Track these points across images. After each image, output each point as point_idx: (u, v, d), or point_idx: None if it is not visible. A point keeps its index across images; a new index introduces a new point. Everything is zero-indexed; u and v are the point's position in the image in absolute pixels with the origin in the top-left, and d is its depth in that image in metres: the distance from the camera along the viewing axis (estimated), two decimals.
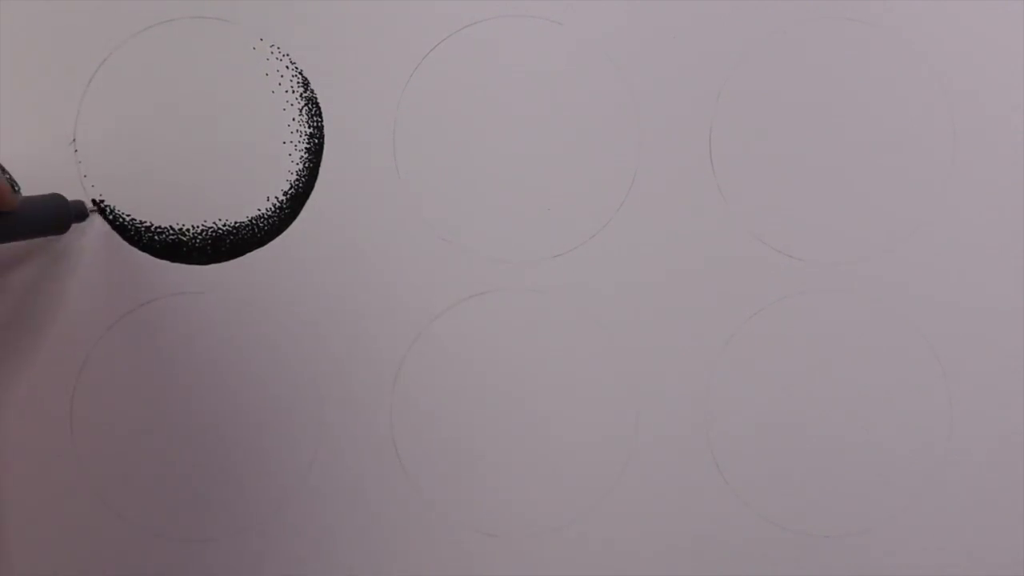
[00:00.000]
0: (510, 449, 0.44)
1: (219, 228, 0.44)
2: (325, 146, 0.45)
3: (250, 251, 0.44)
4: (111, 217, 0.44)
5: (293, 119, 0.45)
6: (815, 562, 0.44)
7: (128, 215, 0.44)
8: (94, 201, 0.44)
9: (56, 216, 0.42)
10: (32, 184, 0.44)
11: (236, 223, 0.44)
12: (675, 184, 0.45)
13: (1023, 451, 0.44)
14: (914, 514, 0.44)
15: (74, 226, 0.43)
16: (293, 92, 0.45)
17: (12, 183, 0.36)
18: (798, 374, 0.44)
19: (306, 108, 0.45)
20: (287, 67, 0.45)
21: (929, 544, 0.44)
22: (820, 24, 0.45)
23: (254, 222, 0.44)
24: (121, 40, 0.45)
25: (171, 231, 0.44)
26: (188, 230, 0.44)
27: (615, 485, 0.44)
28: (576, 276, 0.44)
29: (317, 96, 0.45)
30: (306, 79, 0.45)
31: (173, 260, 0.44)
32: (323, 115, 0.45)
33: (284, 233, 0.44)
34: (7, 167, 0.37)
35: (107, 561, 0.44)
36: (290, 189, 0.44)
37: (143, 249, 0.44)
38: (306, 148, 0.45)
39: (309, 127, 0.45)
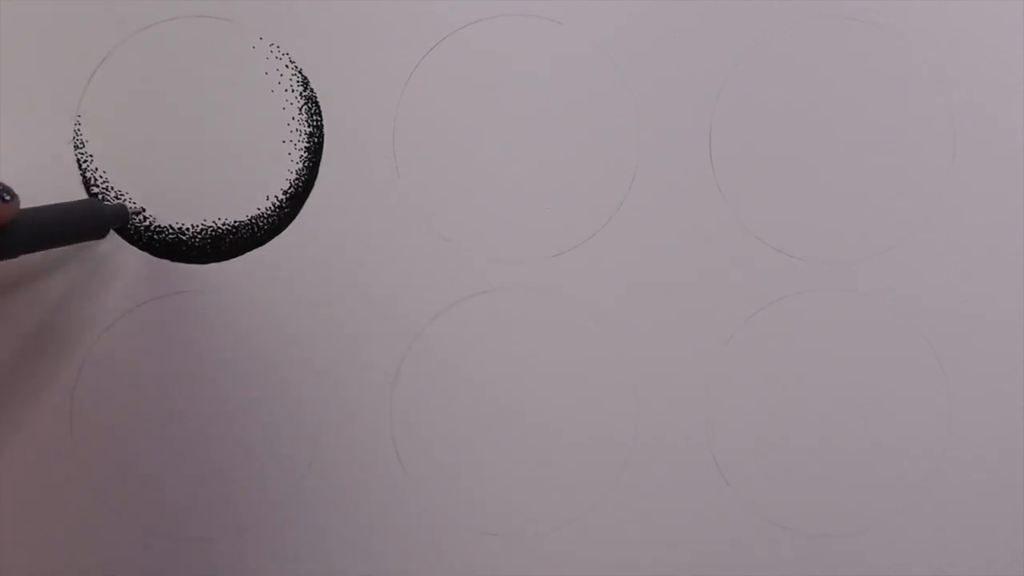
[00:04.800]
0: (510, 448, 0.44)
1: (219, 227, 0.44)
2: (325, 145, 0.45)
3: (250, 250, 0.44)
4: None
5: (293, 118, 0.45)
6: (815, 561, 0.44)
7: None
8: (136, 211, 0.44)
9: (85, 221, 0.41)
10: (32, 183, 0.44)
11: (236, 222, 0.44)
12: (675, 183, 0.45)
13: (1023, 451, 0.44)
14: (914, 514, 0.44)
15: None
16: (292, 91, 0.45)
17: (3, 194, 0.35)
18: (798, 373, 0.44)
19: (306, 107, 0.45)
20: (287, 66, 0.45)
21: (929, 544, 0.44)
22: (820, 24, 0.45)
23: (254, 221, 0.44)
24: (121, 39, 0.45)
25: (171, 230, 0.44)
26: (188, 229, 0.44)
27: (615, 484, 0.44)
28: (575, 275, 0.44)
29: (317, 95, 0.45)
30: (306, 78, 0.45)
31: (173, 259, 0.44)
32: (323, 114, 0.45)
33: (284, 232, 0.44)
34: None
35: (106, 560, 0.44)
36: (290, 188, 0.45)
37: (143, 248, 0.44)
38: (305, 147, 0.45)
39: (309, 126, 0.45)
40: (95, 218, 0.42)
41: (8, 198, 0.35)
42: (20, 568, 0.44)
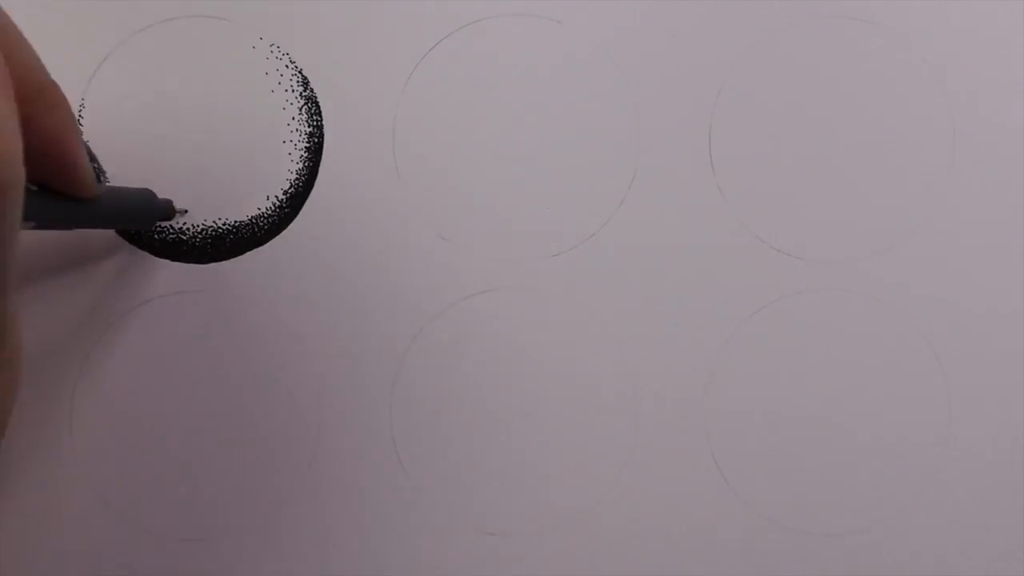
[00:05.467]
0: (510, 448, 0.44)
1: (219, 227, 0.44)
2: (325, 145, 0.45)
3: (250, 250, 0.44)
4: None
5: (293, 118, 0.45)
6: (815, 561, 0.44)
7: None
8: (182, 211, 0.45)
9: (140, 211, 0.42)
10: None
11: (236, 222, 0.44)
12: (674, 183, 0.45)
13: (1023, 451, 0.44)
14: (914, 513, 0.44)
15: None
16: (293, 91, 0.45)
17: (98, 173, 0.37)
18: (798, 373, 0.44)
19: (306, 107, 0.45)
20: (287, 66, 0.45)
21: (929, 543, 0.43)
22: (820, 23, 0.45)
23: (254, 221, 0.44)
24: (121, 39, 0.45)
25: (171, 230, 0.44)
26: (188, 229, 0.44)
27: (615, 484, 0.44)
28: (575, 275, 0.44)
29: (317, 95, 0.45)
30: (306, 78, 0.45)
31: (173, 259, 0.44)
32: (323, 114, 0.45)
33: (284, 232, 0.44)
34: None
35: (106, 560, 0.44)
36: (290, 188, 0.45)
37: (142, 248, 0.44)
38: (306, 147, 0.45)
39: (309, 126, 0.45)
40: (149, 208, 0.42)
41: (103, 179, 0.40)
42: (20, 568, 0.44)
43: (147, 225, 0.43)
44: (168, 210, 0.43)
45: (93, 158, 0.37)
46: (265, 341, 0.44)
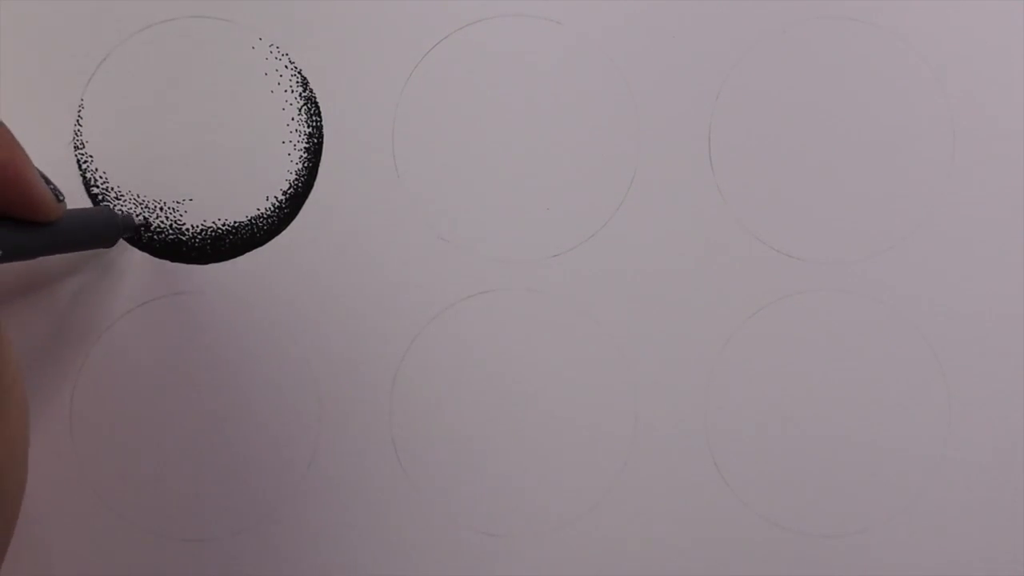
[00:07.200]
0: (509, 449, 0.44)
1: (218, 228, 0.44)
2: (324, 146, 0.45)
3: (249, 251, 0.44)
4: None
5: (292, 119, 0.45)
6: (815, 562, 0.44)
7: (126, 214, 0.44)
8: (145, 220, 0.44)
9: (103, 229, 0.41)
10: None
11: (235, 223, 0.44)
12: (674, 184, 0.45)
13: (1023, 451, 0.44)
14: (913, 514, 0.44)
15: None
16: (292, 92, 0.45)
17: (56, 193, 0.36)
18: (797, 374, 0.44)
19: (305, 108, 0.45)
20: (286, 67, 0.45)
21: (929, 544, 0.44)
22: (820, 24, 0.45)
23: (253, 222, 0.44)
24: (120, 39, 0.45)
25: (170, 231, 0.44)
26: (187, 230, 0.44)
27: (614, 485, 0.44)
28: (575, 276, 0.44)
29: (316, 96, 0.45)
30: (305, 78, 0.45)
31: (172, 260, 0.44)
32: (322, 115, 0.45)
33: (283, 233, 0.44)
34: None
35: (106, 560, 0.44)
36: (289, 189, 0.45)
37: (142, 248, 0.44)
38: (305, 148, 0.45)
39: (308, 127, 0.45)
40: (110, 226, 0.42)
41: (62, 199, 0.37)
42: (20, 569, 0.44)
43: (110, 243, 0.43)
44: (129, 225, 0.43)
45: (48, 180, 0.36)
46: (265, 342, 0.44)
